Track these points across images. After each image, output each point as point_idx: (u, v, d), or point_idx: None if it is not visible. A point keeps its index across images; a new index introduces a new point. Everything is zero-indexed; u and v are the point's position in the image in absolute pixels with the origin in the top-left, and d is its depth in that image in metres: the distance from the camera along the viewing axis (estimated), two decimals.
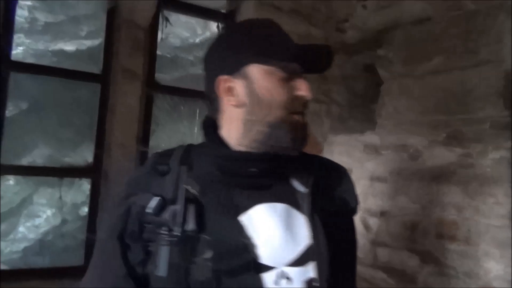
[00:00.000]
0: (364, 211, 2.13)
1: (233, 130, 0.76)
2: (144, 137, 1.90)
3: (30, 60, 3.13)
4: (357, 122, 2.43)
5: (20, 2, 1.90)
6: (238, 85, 0.75)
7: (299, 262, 0.71)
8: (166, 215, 0.68)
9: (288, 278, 0.69)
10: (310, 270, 0.71)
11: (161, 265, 0.65)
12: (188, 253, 0.66)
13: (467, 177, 1.70)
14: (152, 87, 1.96)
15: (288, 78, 0.75)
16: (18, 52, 3.29)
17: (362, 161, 2.18)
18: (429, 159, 1.86)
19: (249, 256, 0.68)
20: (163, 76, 2.37)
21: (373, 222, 2.08)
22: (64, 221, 3.40)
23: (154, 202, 0.69)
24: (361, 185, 2.17)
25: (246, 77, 0.75)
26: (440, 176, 1.80)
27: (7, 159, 1.71)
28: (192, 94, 2.17)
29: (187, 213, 0.67)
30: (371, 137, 2.15)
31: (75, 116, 1.94)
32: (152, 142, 2.02)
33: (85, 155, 1.85)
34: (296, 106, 0.76)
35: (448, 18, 1.88)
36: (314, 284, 0.70)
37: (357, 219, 2.18)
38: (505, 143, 1.61)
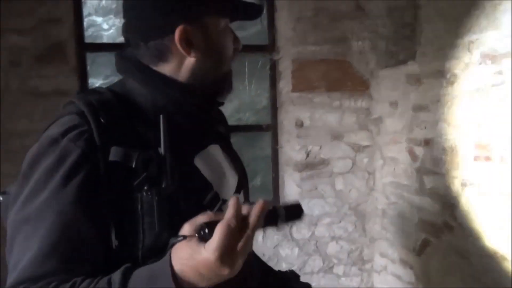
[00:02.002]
0: (409, 141, 2.18)
1: (182, 77, 0.75)
2: None
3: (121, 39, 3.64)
4: (406, 53, 2.40)
5: None
6: (198, 35, 0.72)
7: (237, 191, 0.83)
8: (150, 168, 0.64)
9: None
10: (242, 196, 0.85)
11: (159, 221, 0.63)
12: (179, 204, 0.65)
13: (500, 96, 1.65)
14: None
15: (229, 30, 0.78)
16: (112, 32, 3.61)
17: (406, 92, 2.19)
18: (465, 82, 1.82)
19: (216, 195, 0.73)
20: None
21: (419, 151, 2.11)
22: None
23: (135, 155, 0.64)
24: (405, 116, 2.20)
25: (205, 28, 0.73)
26: (475, 98, 1.76)
27: None
28: None
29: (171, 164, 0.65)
30: (412, 67, 2.13)
31: None
32: None
33: None
34: (234, 57, 0.81)
35: None
36: None
37: (403, 149, 2.25)
38: None
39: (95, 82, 2.61)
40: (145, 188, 0.63)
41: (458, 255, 1.87)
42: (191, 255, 0.56)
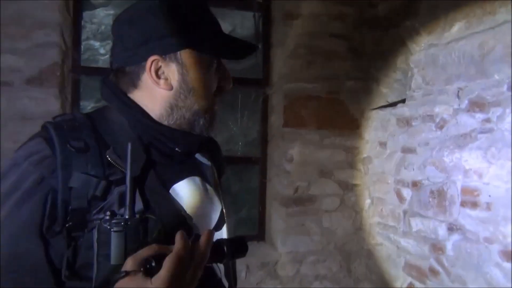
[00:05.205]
0: (397, 183, 2.18)
1: (155, 108, 0.73)
2: None
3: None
4: (396, 95, 2.44)
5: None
6: (171, 68, 0.71)
7: (217, 227, 0.78)
8: (111, 197, 0.63)
9: None
10: (224, 232, 0.79)
11: (115, 253, 0.59)
12: (138, 236, 0.61)
13: (487, 142, 1.67)
14: None
15: (215, 67, 0.75)
16: (108, 57, 3.72)
17: (395, 134, 2.22)
18: (453, 127, 1.85)
19: (190, 229, 0.68)
20: None
21: (406, 192, 2.12)
22: None
23: (95, 183, 0.63)
24: (394, 158, 2.21)
25: (180, 62, 0.71)
26: (463, 143, 1.79)
27: None
28: None
29: (134, 194, 0.63)
30: (402, 110, 2.17)
31: None
32: None
33: None
34: (218, 95, 0.77)
35: None
36: None
37: (391, 190, 2.23)
38: None
39: (87, 105, 2.60)
40: (104, 218, 0.60)
41: None
42: None
